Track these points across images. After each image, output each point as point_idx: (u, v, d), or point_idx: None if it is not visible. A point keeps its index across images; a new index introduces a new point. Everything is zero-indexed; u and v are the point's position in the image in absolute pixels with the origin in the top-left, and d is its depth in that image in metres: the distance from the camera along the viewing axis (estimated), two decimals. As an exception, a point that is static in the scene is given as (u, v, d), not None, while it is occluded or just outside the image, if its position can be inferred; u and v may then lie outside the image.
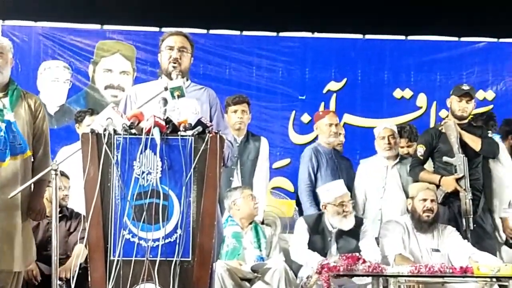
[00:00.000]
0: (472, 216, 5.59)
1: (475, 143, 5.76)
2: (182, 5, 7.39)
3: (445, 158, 5.78)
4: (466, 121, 5.91)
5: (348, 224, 5.46)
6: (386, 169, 6.17)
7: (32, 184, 4.31)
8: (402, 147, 6.54)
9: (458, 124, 5.82)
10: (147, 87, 4.28)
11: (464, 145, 5.76)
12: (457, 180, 5.68)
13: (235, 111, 5.96)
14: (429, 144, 5.90)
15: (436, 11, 7.63)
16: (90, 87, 7.56)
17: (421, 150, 5.90)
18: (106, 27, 7.62)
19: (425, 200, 5.47)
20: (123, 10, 7.51)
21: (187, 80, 4.26)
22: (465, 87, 5.85)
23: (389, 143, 6.16)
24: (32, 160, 4.46)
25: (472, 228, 5.58)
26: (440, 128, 5.89)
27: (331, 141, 6.23)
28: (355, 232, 5.49)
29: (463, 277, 4.63)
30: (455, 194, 5.70)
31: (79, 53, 7.54)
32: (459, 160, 5.70)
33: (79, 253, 4.70)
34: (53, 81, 7.47)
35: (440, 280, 4.76)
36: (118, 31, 7.65)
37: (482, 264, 4.69)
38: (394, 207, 6.01)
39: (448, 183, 5.70)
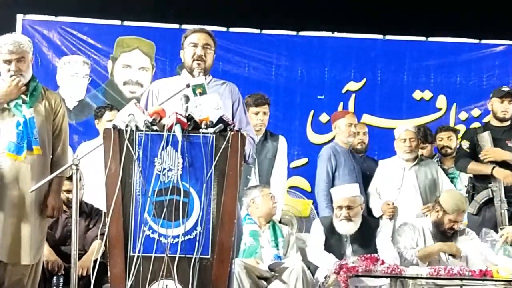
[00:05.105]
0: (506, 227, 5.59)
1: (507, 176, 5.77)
2: (202, 2, 7.41)
3: None
4: (508, 123, 5.93)
5: (351, 228, 5.40)
6: (403, 170, 6.16)
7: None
8: (416, 148, 6.53)
9: (500, 127, 5.88)
10: (169, 82, 4.28)
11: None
12: (492, 192, 5.73)
13: (257, 113, 5.92)
14: (472, 139, 5.96)
15: (457, 13, 7.59)
16: (109, 82, 7.56)
17: (466, 143, 5.98)
18: (126, 23, 7.60)
19: (456, 222, 5.40)
20: (143, 6, 7.53)
21: (208, 75, 4.24)
22: (505, 88, 5.91)
23: (410, 146, 6.14)
24: (51, 156, 4.47)
25: None
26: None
27: (350, 141, 6.24)
28: (371, 234, 5.45)
29: (482, 280, 4.61)
30: (490, 203, 5.75)
31: (99, 48, 7.53)
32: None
33: (98, 248, 4.70)
34: (73, 76, 7.46)
35: (459, 282, 4.72)
36: (138, 27, 7.63)
37: (501, 267, 4.65)
38: (409, 209, 6.01)
39: (503, 174, 5.72)
